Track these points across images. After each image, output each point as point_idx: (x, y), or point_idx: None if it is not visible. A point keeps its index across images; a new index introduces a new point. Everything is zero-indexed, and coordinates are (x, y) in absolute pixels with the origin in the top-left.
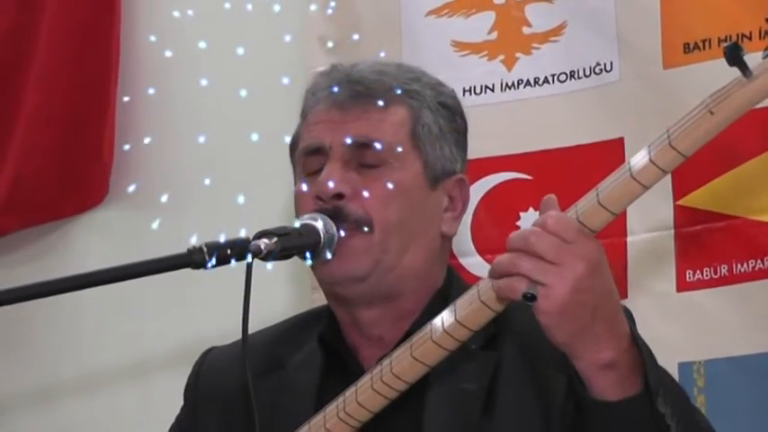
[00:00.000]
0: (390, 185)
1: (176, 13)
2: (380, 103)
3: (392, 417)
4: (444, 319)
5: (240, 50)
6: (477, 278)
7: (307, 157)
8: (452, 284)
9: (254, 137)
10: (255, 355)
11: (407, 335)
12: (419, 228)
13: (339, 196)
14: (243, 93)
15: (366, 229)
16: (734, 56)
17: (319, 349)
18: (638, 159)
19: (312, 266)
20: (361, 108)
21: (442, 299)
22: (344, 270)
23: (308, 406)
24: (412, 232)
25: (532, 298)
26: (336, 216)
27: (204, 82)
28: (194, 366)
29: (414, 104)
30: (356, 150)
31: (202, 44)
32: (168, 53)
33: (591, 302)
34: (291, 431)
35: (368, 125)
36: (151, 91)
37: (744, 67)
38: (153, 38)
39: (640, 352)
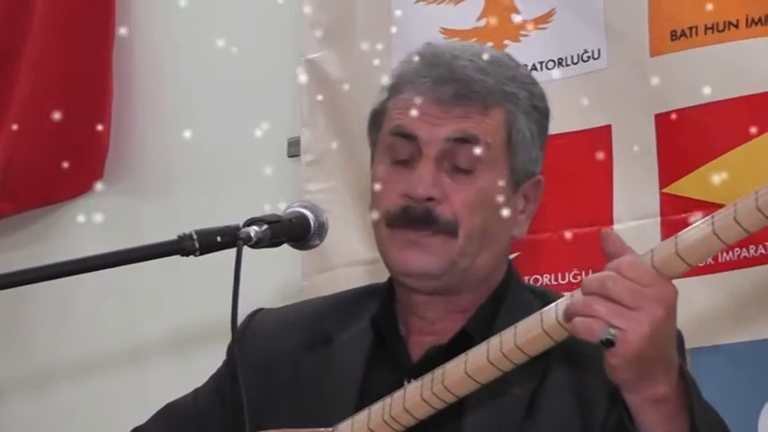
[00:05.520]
0: (480, 192)
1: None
2: (481, 106)
3: (433, 414)
4: (503, 340)
5: (233, 38)
6: None
7: (395, 139)
8: (510, 282)
9: (248, 123)
10: (301, 326)
11: (463, 332)
12: (496, 232)
13: (429, 199)
14: (236, 80)
15: (451, 233)
16: None
17: (370, 330)
18: (721, 216)
19: (382, 253)
20: (463, 109)
21: (497, 298)
22: (420, 265)
23: (353, 388)
24: (490, 237)
25: (609, 343)
26: (425, 218)
27: (198, 68)
28: (241, 325)
29: (511, 108)
30: (451, 151)
31: (196, 31)
32: (163, 39)
33: (662, 344)
34: (333, 410)
35: (467, 127)
36: (146, 77)
37: None
38: (147, 24)
39: (687, 387)
